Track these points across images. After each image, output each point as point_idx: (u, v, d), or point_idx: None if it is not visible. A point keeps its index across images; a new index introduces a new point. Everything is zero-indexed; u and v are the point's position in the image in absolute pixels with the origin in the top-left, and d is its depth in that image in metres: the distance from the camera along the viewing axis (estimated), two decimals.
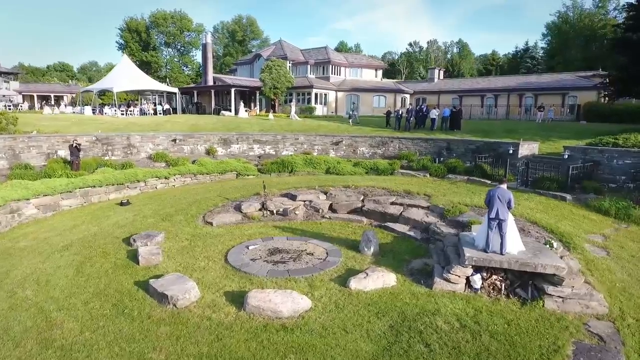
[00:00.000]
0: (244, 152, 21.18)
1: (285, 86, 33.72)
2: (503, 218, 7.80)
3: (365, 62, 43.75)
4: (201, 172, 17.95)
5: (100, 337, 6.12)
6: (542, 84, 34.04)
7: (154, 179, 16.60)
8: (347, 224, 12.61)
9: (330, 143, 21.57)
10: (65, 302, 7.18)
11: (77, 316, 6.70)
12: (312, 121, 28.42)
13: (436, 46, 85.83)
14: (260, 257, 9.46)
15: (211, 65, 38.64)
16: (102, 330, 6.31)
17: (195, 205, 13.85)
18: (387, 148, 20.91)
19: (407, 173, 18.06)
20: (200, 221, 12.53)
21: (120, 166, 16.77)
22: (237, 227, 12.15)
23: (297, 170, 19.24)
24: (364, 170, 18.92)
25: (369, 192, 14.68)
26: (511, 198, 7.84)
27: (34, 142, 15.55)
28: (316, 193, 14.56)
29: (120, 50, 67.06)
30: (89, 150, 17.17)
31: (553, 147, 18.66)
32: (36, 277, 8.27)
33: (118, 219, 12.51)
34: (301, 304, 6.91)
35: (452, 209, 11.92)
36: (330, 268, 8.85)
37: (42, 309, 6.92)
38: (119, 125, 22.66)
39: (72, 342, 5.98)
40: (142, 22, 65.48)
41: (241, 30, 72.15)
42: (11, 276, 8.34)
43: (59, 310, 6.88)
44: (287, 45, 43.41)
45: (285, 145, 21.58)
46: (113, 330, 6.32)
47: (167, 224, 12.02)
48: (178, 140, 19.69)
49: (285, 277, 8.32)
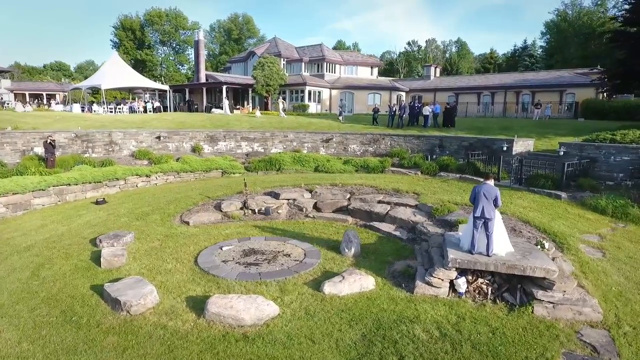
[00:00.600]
0: (232, 149, 20.57)
1: (277, 83, 33.09)
2: (489, 217, 7.20)
3: (361, 59, 43.13)
4: (185, 170, 17.35)
5: (39, 348, 5.52)
6: (540, 81, 33.44)
7: (134, 177, 16.01)
8: (331, 223, 12.02)
9: (321, 140, 20.97)
10: (10, 308, 6.58)
11: (18, 325, 6.10)
12: (304, 118, 27.81)
13: (434, 45, 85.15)
14: (233, 259, 8.86)
15: (203, 62, 38.03)
16: (42, 340, 5.70)
17: (174, 204, 13.26)
18: (378, 146, 20.31)
19: (398, 171, 17.46)
20: (176, 220, 11.95)
21: (99, 164, 16.16)
22: (214, 226, 11.56)
23: (285, 168, 18.65)
24: (353, 168, 18.33)
25: (356, 191, 14.08)
26: (498, 195, 7.24)
27: (7, 138, 14.94)
28: (301, 191, 13.96)
29: (115, 48, 66.45)
30: (68, 148, 16.56)
31: (549, 144, 18.06)
32: None
33: (90, 218, 11.90)
34: (266, 310, 6.31)
35: (440, 208, 11.33)
36: (306, 270, 8.25)
37: None
38: (104, 122, 22.03)
39: (6, 354, 5.38)
40: (137, 20, 64.88)
41: (237, 28, 71.51)
42: None
43: (1, 318, 6.27)
44: (281, 43, 42.78)
45: (274, 143, 20.97)
46: (55, 340, 5.71)
47: (141, 223, 11.43)
48: (162, 138, 19.08)
49: (255, 281, 7.72)
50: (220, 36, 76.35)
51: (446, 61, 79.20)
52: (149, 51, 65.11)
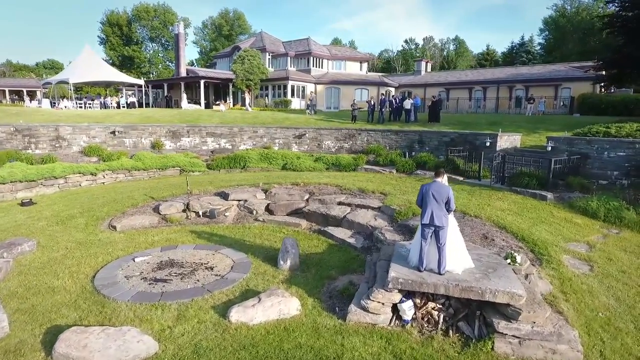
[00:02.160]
0: (196, 146, 19.00)
1: (259, 78, 31.51)
2: (440, 224, 5.64)
3: (349, 54, 41.49)
4: (137, 168, 15.78)
5: None
6: (534, 75, 31.80)
7: (77, 175, 14.44)
8: (281, 228, 10.45)
9: (293, 136, 19.39)
10: None
11: None
12: (281, 114, 26.24)
13: (432, 43, 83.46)
14: (141, 274, 7.30)
15: (184, 56, 36.47)
16: None
17: (110, 206, 11.70)
18: (354, 142, 18.73)
19: (372, 169, 15.89)
20: (104, 225, 10.38)
21: (39, 161, 14.60)
22: (144, 232, 10.00)
23: (251, 166, 17.08)
24: (324, 165, 16.75)
25: (318, 191, 12.52)
26: (451, 196, 5.68)
27: None
28: (255, 191, 12.40)
29: (101, 44, 64.96)
30: (6, 143, 15.00)
31: (538, 140, 16.49)
32: None
33: (2, 222, 10.34)
34: (134, 350, 4.74)
35: (405, 211, 9.77)
36: (223, 289, 6.69)
37: None
38: (61, 117, 20.49)
39: None
40: (124, 15, 63.23)
41: (228, 24, 69.86)
42: None
43: None
44: (267, 37, 41.19)
45: (243, 139, 19.40)
46: None
47: (58, 229, 9.87)
48: (118, 133, 17.50)
49: (152, 303, 6.16)
50: (211, 32, 74.73)
51: (443, 59, 77.58)
52: (136, 47, 63.51)
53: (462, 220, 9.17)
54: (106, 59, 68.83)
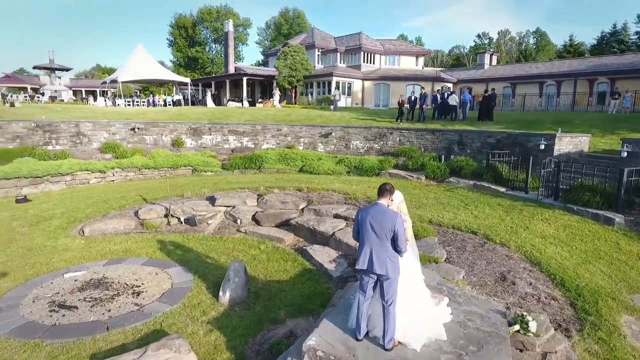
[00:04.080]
0: (218, 144, 18.06)
1: (302, 74, 30.16)
2: (383, 272, 3.61)
3: (404, 48, 38.57)
4: (147, 167, 15.10)
5: None
6: (622, 65, 26.61)
7: (85, 172, 14.05)
8: (260, 242, 8.79)
9: (319, 135, 17.66)
10: None
11: None
12: (313, 111, 24.56)
13: (508, 37, 76.36)
14: (55, 295, 6.09)
15: (232, 54, 36.37)
16: None
17: (96, 207, 10.91)
18: (385, 142, 16.50)
19: (398, 174, 13.62)
20: (76, 228, 9.53)
21: (53, 156, 14.47)
22: (109, 239, 8.94)
23: (267, 167, 15.66)
24: (346, 168, 14.80)
25: (319, 199, 10.69)
26: (398, 229, 3.62)
27: None
28: (246, 197, 10.88)
29: (170, 47, 68.32)
30: (27, 138, 15.12)
31: (615, 143, 13.02)
32: None
33: None
34: None
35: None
36: (128, 326, 5.23)
37: None
38: (97, 113, 20.81)
39: None
40: (190, 18, 65.89)
41: (287, 23, 69.84)
42: None
43: None
44: (318, 33, 39.77)
45: (266, 138, 18.08)
46: None
47: (25, 230, 9.21)
48: (138, 130, 17.09)
49: (27, 341, 4.86)
50: (272, 32, 75.41)
51: (520, 53, 70.55)
52: (200, 48, 65.85)
53: (479, 250, 6.82)
54: (173, 60, 72.65)
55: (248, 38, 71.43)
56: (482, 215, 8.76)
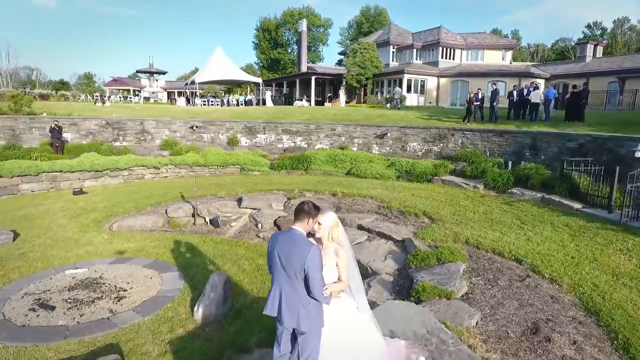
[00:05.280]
0: (272, 143, 17.87)
1: (371, 72, 28.92)
2: (292, 325, 2.63)
3: (489, 42, 35.00)
4: (198, 164, 15.40)
5: None
6: None
7: (141, 168, 14.75)
8: None
9: (374, 136, 16.49)
10: None
11: None
12: (375, 110, 23.21)
13: (627, 26, 65.93)
14: (44, 292, 6.06)
15: (305, 54, 36.44)
16: None
17: (136, 202, 11.22)
18: (445, 144, 14.77)
19: (452, 181, 11.95)
20: (108, 223, 9.79)
21: (117, 152, 15.45)
22: (131, 235, 8.99)
23: (314, 168, 15.00)
24: (396, 173, 13.50)
25: (349, 206, 9.70)
26: (309, 267, 2.63)
27: (36, 123, 15.36)
28: (274, 200, 10.30)
29: (255, 49, 71.44)
30: (98, 135, 16.40)
31: None
32: None
33: (40, 209, 10.75)
34: None
35: (430, 252, 6.30)
36: (76, 338, 4.89)
37: None
38: (166, 112, 22.07)
39: None
40: (274, 21, 68.13)
41: (368, 21, 68.60)
42: None
43: None
44: (394, 29, 38.04)
45: (320, 138, 17.42)
46: None
47: (64, 222, 9.69)
48: (196, 128, 17.61)
49: None
50: (353, 31, 74.77)
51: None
52: (282, 50, 67.75)
53: (515, 285, 5.36)
54: (257, 62, 76.02)
55: (329, 38, 71.86)
56: (537, 239, 7.03)
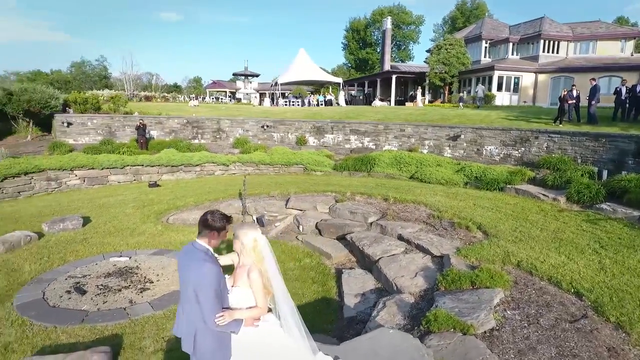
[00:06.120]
0: (339, 143, 17.60)
1: (456, 69, 26.88)
2: (187, 350, 2.28)
3: (604, 31, 30.11)
4: (264, 162, 15.76)
5: None
6: None
7: (211, 164, 15.61)
8: (308, 255, 7.83)
9: (446, 137, 15.22)
10: None
11: None
12: (450, 110, 21.41)
13: None
14: (85, 277, 6.56)
15: (389, 52, 35.36)
16: None
17: (197, 197, 11.83)
18: (527, 148, 12.98)
19: (527, 191, 10.38)
20: (167, 215, 10.45)
21: (193, 149, 16.57)
22: (182, 229, 9.44)
23: (377, 170, 14.36)
24: (464, 179, 12.24)
25: (397, 212, 8.98)
26: (199, 288, 2.25)
27: (129, 121, 17.17)
28: (319, 202, 9.98)
29: (343, 50, 71.90)
30: (180, 133, 17.77)
31: None
32: None
33: (116, 199, 11.95)
34: None
35: (464, 275, 5.42)
36: (96, 324, 5.13)
37: None
38: (244, 112, 23.09)
39: None
40: (364, 21, 67.75)
41: (463, 16, 64.43)
42: None
43: None
44: (488, 23, 34.94)
45: (388, 139, 16.66)
46: None
47: (130, 211, 10.57)
48: (267, 127, 18.10)
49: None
50: (448, 27, 70.98)
51: None
52: (370, 49, 67.07)
53: (561, 326, 4.37)
54: (345, 63, 76.34)
55: (419, 36, 69.18)
56: (615, 269, 5.65)
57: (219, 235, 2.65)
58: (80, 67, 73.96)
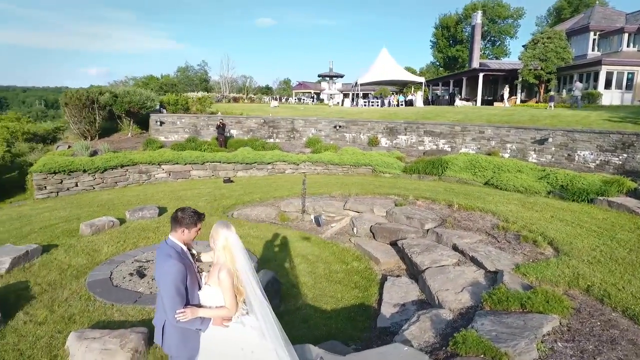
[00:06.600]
0: (412, 145, 16.95)
1: (554, 65, 24.03)
2: (157, 342, 2.38)
3: None
4: (333, 163, 15.81)
5: None
6: None
7: (282, 163, 16.12)
8: (357, 258, 7.67)
9: (532, 141, 13.75)
10: None
11: None
12: (541, 111, 19.03)
13: None
14: (145, 262, 7.21)
15: (478, 49, 32.97)
16: None
17: (264, 194, 12.35)
18: (631, 155, 11.13)
19: (623, 205, 8.89)
20: (233, 210, 11.05)
21: (268, 148, 17.27)
22: (243, 223, 9.82)
23: (449, 175, 13.53)
24: (547, 187, 10.93)
25: (459, 220, 8.36)
26: (163, 282, 2.42)
27: (212, 121, 18.46)
28: (377, 204, 9.68)
29: (431, 48, 69.12)
30: (257, 132, 18.65)
31: None
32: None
33: (192, 192, 12.96)
34: None
35: (514, 296, 4.84)
36: (145, 306, 5.62)
37: None
38: (320, 112, 23.38)
39: None
40: (455, 16, 64.35)
41: (570, 6, 57.52)
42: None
43: None
44: (599, 12, 30.68)
45: (465, 141, 15.60)
46: None
47: (203, 205, 11.35)
48: (339, 127, 18.14)
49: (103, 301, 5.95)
50: (552, 19, 64.14)
51: None
52: (460, 47, 63.45)
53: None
54: (433, 61, 73.20)
55: (518, 30, 63.40)
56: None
57: (189, 231, 2.71)
58: (184, 72, 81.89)
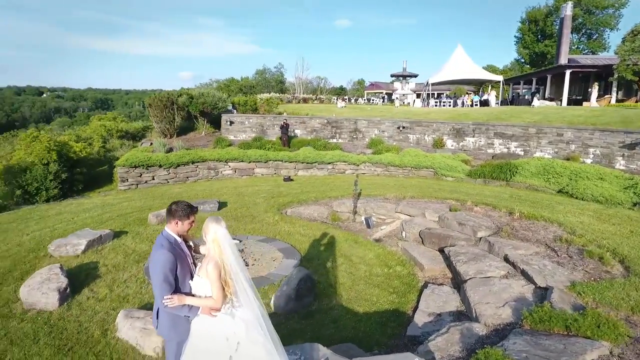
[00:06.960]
0: (480, 147, 15.99)
1: None
2: (154, 325, 2.56)
3: None
4: (393, 164, 15.49)
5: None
6: None
7: (342, 163, 16.18)
8: (401, 262, 7.47)
9: (620, 145, 12.21)
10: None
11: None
12: (636, 112, 16.60)
13: None
14: None
15: (566, 43, 29.78)
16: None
17: (319, 193, 12.54)
18: None
19: None
20: (287, 208, 11.36)
21: (330, 148, 17.45)
22: (294, 221, 10.05)
23: (518, 180, 12.55)
24: (633, 198, 9.67)
25: (517, 230, 7.74)
26: (153, 271, 2.63)
27: (277, 121, 19.09)
28: (430, 209, 9.31)
29: (516, 44, 64.17)
30: (320, 132, 18.93)
31: None
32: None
33: (252, 190, 13.59)
34: None
35: (559, 317, 4.40)
36: None
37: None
38: (386, 112, 22.98)
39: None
40: (544, 9, 59.08)
41: None
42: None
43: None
44: None
45: (540, 144, 14.32)
46: None
47: (260, 200, 11.88)
48: (403, 128, 17.70)
49: None
50: None
51: None
52: (549, 42, 58.03)
53: None
54: (517, 58, 67.85)
55: (620, 21, 56.15)
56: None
57: (182, 223, 2.88)
58: (262, 74, 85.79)
